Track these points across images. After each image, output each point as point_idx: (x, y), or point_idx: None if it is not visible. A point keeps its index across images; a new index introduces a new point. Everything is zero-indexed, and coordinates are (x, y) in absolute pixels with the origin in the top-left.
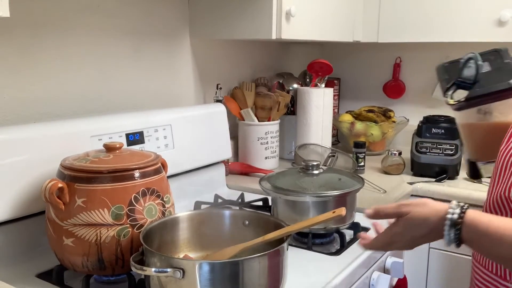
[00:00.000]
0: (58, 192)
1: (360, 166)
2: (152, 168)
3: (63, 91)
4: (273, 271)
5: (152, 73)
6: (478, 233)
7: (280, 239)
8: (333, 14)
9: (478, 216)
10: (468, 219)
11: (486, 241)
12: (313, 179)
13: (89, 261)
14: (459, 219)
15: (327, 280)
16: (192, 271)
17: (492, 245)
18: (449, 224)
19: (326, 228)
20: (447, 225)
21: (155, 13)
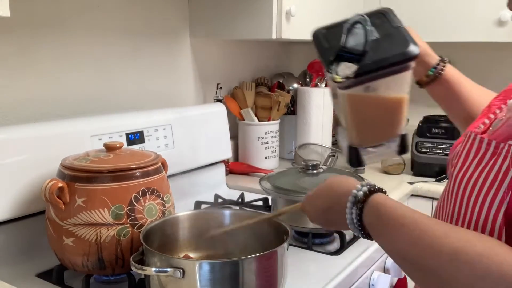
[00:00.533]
0: (58, 192)
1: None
2: (152, 167)
3: (63, 91)
4: (273, 271)
5: (152, 73)
6: (378, 217)
7: (280, 239)
8: (333, 14)
9: (383, 200)
10: (373, 200)
11: (384, 228)
12: (313, 179)
13: (89, 260)
14: (364, 197)
15: (327, 280)
16: (192, 271)
17: (389, 234)
18: (351, 200)
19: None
20: (349, 201)
21: (155, 13)
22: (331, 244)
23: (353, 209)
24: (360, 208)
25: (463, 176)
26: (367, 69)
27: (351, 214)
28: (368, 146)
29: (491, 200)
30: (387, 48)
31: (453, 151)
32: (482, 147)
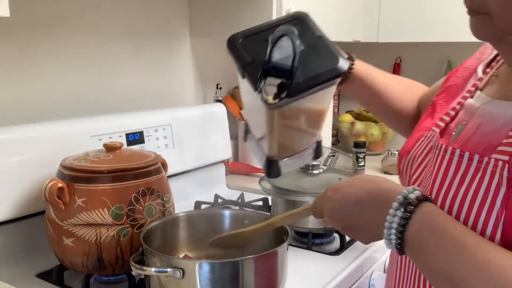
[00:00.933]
0: (58, 192)
1: (360, 166)
2: (152, 168)
3: (63, 91)
4: (273, 271)
5: (152, 73)
6: (432, 228)
7: (280, 239)
8: (333, 14)
9: (438, 209)
10: (427, 207)
11: (438, 242)
12: (313, 179)
13: (89, 261)
14: (416, 200)
15: (327, 280)
16: (192, 271)
17: (443, 251)
18: (400, 200)
19: (326, 228)
20: (397, 201)
21: (155, 13)
22: (331, 244)
23: (398, 210)
24: (410, 211)
25: (445, 196)
26: (299, 89)
27: (395, 216)
28: (287, 156)
29: (484, 223)
30: (316, 63)
31: (408, 156)
32: (463, 162)
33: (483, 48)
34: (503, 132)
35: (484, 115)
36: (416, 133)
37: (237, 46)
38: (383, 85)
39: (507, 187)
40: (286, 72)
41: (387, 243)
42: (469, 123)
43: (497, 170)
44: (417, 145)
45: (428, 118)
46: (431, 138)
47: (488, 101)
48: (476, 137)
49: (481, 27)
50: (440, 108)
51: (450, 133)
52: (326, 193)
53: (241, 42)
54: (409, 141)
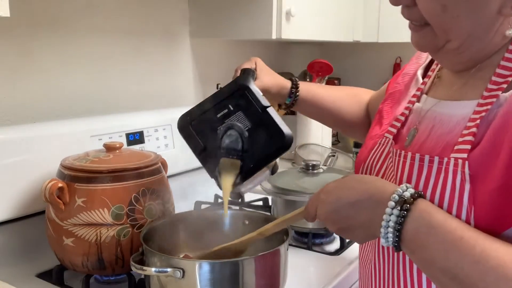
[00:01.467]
0: (58, 192)
1: None
2: (152, 168)
3: (63, 91)
4: (273, 271)
5: (152, 73)
6: (429, 224)
7: (281, 239)
8: (333, 14)
9: (433, 206)
10: (422, 204)
11: (435, 239)
12: (313, 179)
13: (89, 261)
14: (411, 198)
15: (327, 280)
16: (192, 271)
17: (441, 247)
18: (396, 199)
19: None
20: (393, 199)
21: (155, 13)
22: (331, 244)
23: (395, 209)
24: (406, 209)
25: None
26: (251, 173)
27: (391, 214)
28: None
29: None
30: (264, 143)
31: (365, 164)
32: (425, 165)
33: (419, 53)
34: (457, 132)
35: (435, 117)
36: (368, 142)
37: (189, 132)
38: (329, 103)
39: (470, 183)
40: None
41: (384, 241)
42: (421, 127)
43: (458, 168)
44: (372, 153)
45: (377, 126)
46: (385, 145)
47: (436, 103)
48: (431, 140)
49: (422, 40)
50: (387, 114)
51: (403, 138)
52: (318, 196)
53: (192, 127)
54: (363, 150)
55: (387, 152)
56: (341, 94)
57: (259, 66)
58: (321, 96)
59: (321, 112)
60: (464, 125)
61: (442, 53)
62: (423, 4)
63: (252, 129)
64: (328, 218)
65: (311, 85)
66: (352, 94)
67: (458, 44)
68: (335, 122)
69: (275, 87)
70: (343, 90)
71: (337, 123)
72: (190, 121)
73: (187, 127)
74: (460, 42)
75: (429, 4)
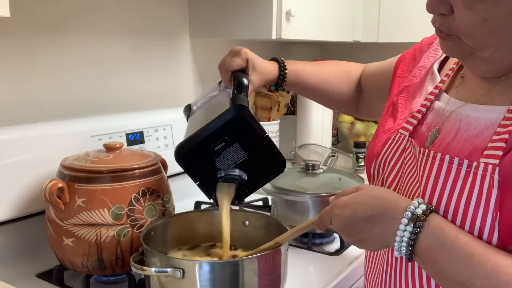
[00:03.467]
0: (58, 192)
1: (360, 166)
2: (152, 168)
3: (63, 91)
4: (273, 271)
5: (152, 73)
6: (442, 241)
7: None
8: (333, 14)
9: (445, 222)
10: (434, 221)
11: (448, 254)
12: (313, 179)
13: (89, 261)
14: (423, 215)
15: (327, 280)
16: (192, 271)
17: (454, 262)
18: (408, 216)
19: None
20: (406, 217)
21: (155, 13)
22: (331, 244)
23: (408, 226)
24: (418, 226)
25: (439, 201)
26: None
27: (405, 231)
28: None
29: (481, 226)
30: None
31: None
32: (453, 167)
33: (437, 46)
34: (486, 136)
35: (460, 120)
36: (382, 135)
37: (187, 164)
38: (317, 84)
39: (498, 190)
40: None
41: (397, 253)
42: (444, 128)
43: (487, 173)
44: (386, 148)
45: (390, 119)
46: (400, 141)
47: (461, 106)
48: (457, 142)
49: (453, 47)
50: (402, 108)
51: (422, 136)
52: (333, 211)
53: (189, 159)
54: (375, 144)
55: (403, 148)
56: (328, 75)
57: (251, 64)
58: (308, 80)
59: (308, 92)
60: (493, 130)
61: (471, 60)
62: (462, 16)
63: (248, 158)
64: (343, 231)
65: (299, 67)
66: (342, 71)
67: (489, 53)
68: (322, 100)
69: (264, 82)
70: (332, 69)
71: (324, 100)
72: (187, 154)
73: (184, 159)
74: (492, 52)
75: (470, 16)
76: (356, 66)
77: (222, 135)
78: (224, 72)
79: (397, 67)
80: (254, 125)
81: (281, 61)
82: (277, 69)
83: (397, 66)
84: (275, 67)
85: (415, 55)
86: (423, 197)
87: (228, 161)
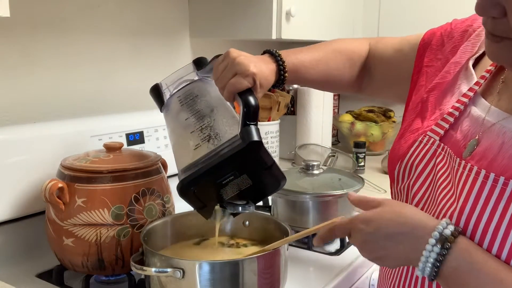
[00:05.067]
0: (58, 192)
1: (360, 166)
2: (152, 168)
3: (63, 91)
4: (273, 271)
5: (152, 73)
6: (471, 265)
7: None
8: (333, 14)
9: (474, 245)
10: (463, 243)
11: (477, 281)
12: (313, 179)
13: (89, 261)
14: (452, 236)
15: (327, 280)
16: (192, 271)
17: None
18: (436, 237)
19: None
20: (433, 237)
21: (155, 13)
22: (331, 244)
23: (435, 246)
24: (446, 248)
25: (478, 221)
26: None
27: (431, 251)
28: None
29: None
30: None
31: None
32: (498, 186)
33: (476, 39)
34: None
35: (504, 133)
36: (408, 135)
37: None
38: (317, 78)
39: None
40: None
41: (420, 273)
42: (485, 139)
43: None
44: (412, 150)
45: (418, 118)
46: (429, 145)
47: (505, 118)
48: (501, 158)
49: (501, 52)
50: (432, 107)
51: (457, 144)
52: (356, 225)
53: (194, 193)
54: (401, 144)
55: (433, 153)
56: (329, 67)
57: (258, 83)
58: (307, 76)
59: (310, 84)
60: None
61: None
62: None
63: (253, 184)
64: (364, 247)
65: (299, 64)
66: (344, 58)
67: None
68: (326, 88)
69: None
70: (332, 57)
71: (326, 89)
72: (193, 190)
73: (189, 194)
74: None
75: None
76: (360, 47)
77: (232, 170)
78: (227, 93)
79: (422, 53)
80: (265, 157)
81: (280, 62)
82: (276, 73)
83: (421, 53)
84: (274, 70)
85: (443, 41)
86: (460, 214)
87: (232, 189)
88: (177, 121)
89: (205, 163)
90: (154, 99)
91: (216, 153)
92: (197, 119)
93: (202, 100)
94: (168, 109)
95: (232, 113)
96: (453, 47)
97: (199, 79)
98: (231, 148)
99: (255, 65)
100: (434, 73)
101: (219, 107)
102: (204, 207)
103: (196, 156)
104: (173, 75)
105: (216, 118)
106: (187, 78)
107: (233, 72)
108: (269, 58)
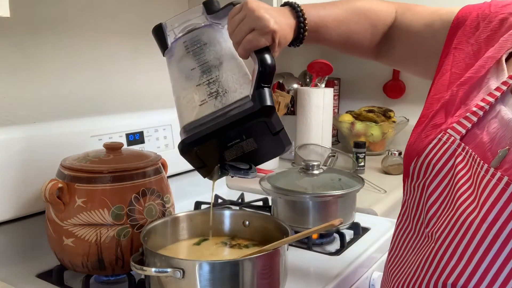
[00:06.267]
0: (58, 192)
1: (360, 166)
2: (152, 168)
3: (63, 91)
4: (273, 271)
5: (152, 73)
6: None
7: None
8: None
9: None
10: None
11: None
12: (313, 179)
13: (89, 261)
14: None
15: (327, 280)
16: (192, 271)
17: None
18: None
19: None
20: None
21: (155, 13)
22: (331, 244)
23: None
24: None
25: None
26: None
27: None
28: None
29: None
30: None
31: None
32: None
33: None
34: None
35: None
36: (429, 130)
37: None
38: (337, 40)
39: None
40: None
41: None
42: None
43: None
44: (431, 147)
45: (442, 112)
46: (449, 144)
47: None
48: None
49: None
50: (459, 102)
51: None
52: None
53: (196, 153)
54: (421, 138)
55: (452, 153)
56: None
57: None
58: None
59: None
60: None
61: None
62: None
63: (257, 148)
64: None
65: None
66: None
67: None
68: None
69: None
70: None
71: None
72: (196, 150)
73: (191, 153)
74: None
75: None
76: (386, 12)
77: (239, 134)
78: (243, 50)
79: (453, 33)
80: (276, 123)
81: (302, 19)
82: (295, 30)
83: (453, 32)
84: (293, 27)
85: (478, 23)
86: (482, 223)
87: (236, 151)
88: (182, 70)
89: (211, 123)
90: (156, 41)
91: (224, 113)
92: (204, 71)
93: (211, 50)
94: (172, 53)
95: (244, 70)
96: (489, 35)
97: (209, 24)
98: (242, 110)
99: (276, 21)
100: (463, 59)
101: (230, 60)
102: (204, 167)
103: (201, 113)
104: (179, 16)
105: (225, 72)
106: (196, 22)
107: (251, 27)
108: (290, 13)
